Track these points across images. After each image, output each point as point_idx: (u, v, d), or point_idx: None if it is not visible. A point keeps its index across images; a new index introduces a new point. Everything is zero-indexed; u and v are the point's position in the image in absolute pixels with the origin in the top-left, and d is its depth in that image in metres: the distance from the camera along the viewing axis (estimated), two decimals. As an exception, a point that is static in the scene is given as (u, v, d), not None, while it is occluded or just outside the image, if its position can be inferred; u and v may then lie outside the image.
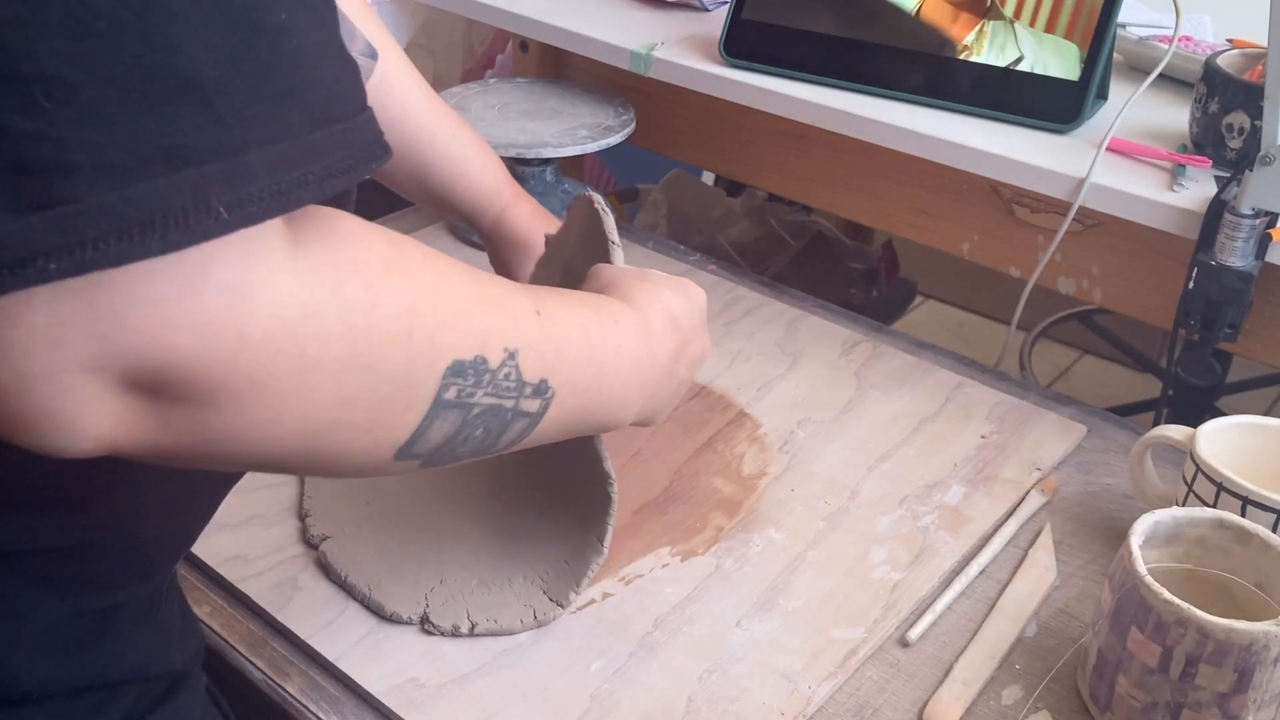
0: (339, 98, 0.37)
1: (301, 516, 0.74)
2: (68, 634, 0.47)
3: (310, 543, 0.72)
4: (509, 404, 0.46)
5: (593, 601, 0.69)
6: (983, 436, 0.84)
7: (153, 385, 0.34)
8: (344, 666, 0.64)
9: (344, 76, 0.37)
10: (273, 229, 0.35)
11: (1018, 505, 0.77)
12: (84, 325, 0.32)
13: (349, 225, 0.39)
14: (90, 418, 0.34)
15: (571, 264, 0.71)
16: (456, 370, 0.42)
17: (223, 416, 0.35)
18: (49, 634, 0.47)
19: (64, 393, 0.33)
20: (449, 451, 0.45)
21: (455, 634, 0.66)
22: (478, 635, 0.66)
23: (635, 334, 0.56)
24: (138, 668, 0.51)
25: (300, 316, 0.35)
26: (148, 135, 0.32)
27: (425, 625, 0.66)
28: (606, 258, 0.64)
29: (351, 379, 0.38)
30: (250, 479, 0.77)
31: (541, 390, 0.48)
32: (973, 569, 0.72)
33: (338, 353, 0.37)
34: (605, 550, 0.66)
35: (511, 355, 0.45)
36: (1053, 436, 0.84)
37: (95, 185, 0.31)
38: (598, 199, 0.67)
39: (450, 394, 0.42)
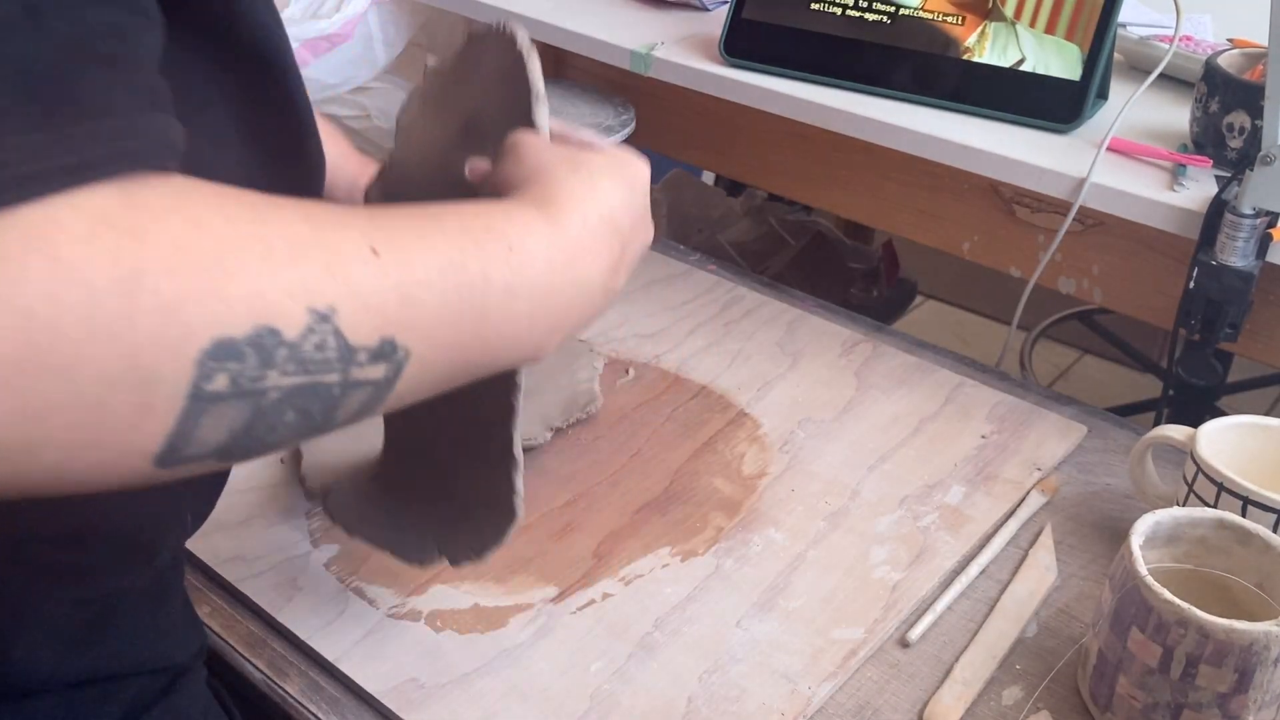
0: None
1: (300, 479, 0.74)
2: (69, 625, 0.47)
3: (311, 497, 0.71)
4: (331, 378, 0.36)
5: (592, 602, 0.69)
6: (983, 437, 0.84)
7: None
8: (344, 667, 0.64)
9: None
10: None
11: (1018, 505, 0.77)
12: None
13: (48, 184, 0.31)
14: None
15: (476, 121, 0.55)
16: (222, 352, 0.33)
17: None
18: (51, 625, 0.47)
19: None
20: (253, 444, 0.36)
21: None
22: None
23: (545, 258, 0.44)
24: (139, 661, 0.51)
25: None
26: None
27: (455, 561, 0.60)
28: (527, 117, 0.50)
29: (36, 387, 0.30)
30: (250, 478, 0.77)
31: (386, 353, 0.38)
32: (973, 569, 0.72)
33: (4, 355, 0.30)
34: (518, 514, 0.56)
35: (324, 317, 0.35)
36: (1053, 436, 0.84)
37: None
38: (522, 36, 0.51)
39: (218, 384, 0.33)
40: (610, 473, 0.79)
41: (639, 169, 0.53)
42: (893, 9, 0.98)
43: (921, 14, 0.97)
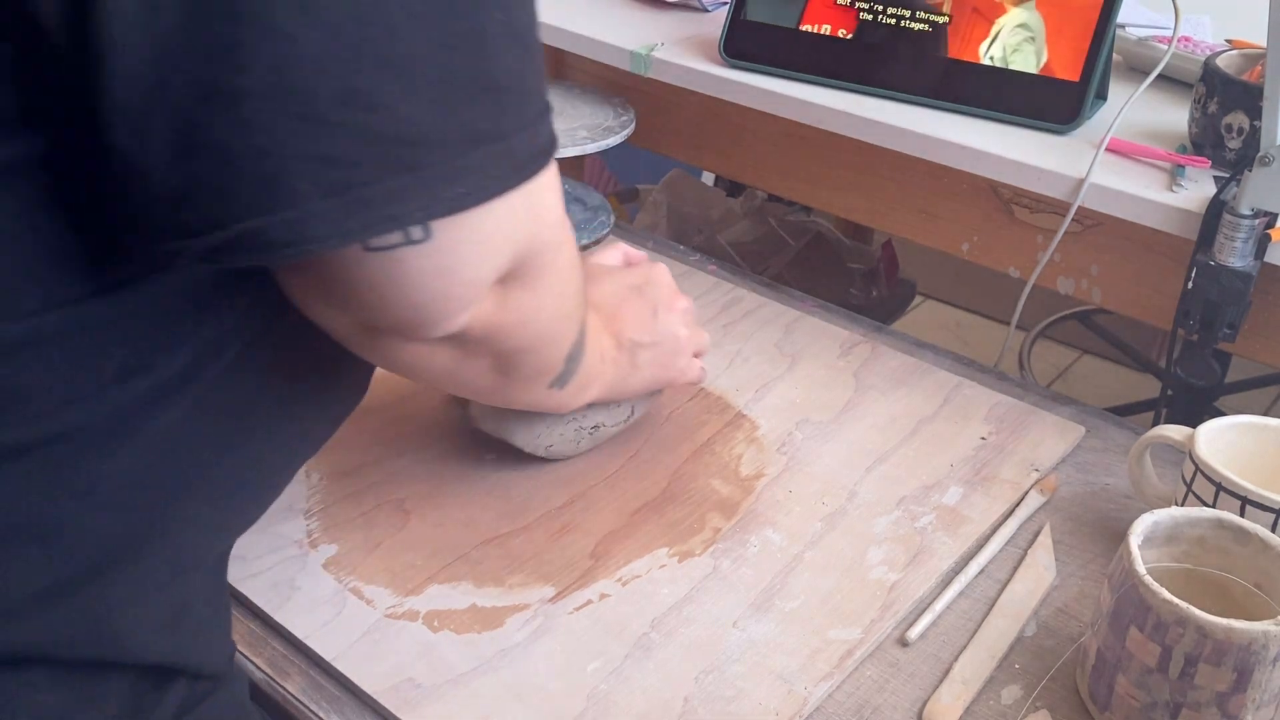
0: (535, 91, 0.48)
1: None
2: (166, 612, 0.51)
3: None
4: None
5: (590, 602, 0.69)
6: (982, 438, 0.84)
7: (506, 274, 0.49)
8: (341, 666, 0.64)
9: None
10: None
11: (1017, 505, 0.78)
12: (493, 242, 0.47)
13: None
14: (474, 306, 0.49)
15: None
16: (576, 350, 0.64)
17: (532, 290, 0.52)
18: (159, 609, 0.50)
19: (476, 291, 0.48)
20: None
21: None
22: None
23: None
24: (201, 659, 0.53)
25: (559, 220, 0.52)
26: (465, 122, 0.43)
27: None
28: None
29: (574, 277, 0.56)
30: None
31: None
32: (972, 568, 0.72)
33: (570, 255, 0.55)
34: None
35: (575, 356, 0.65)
36: (1051, 437, 0.84)
37: (436, 155, 0.42)
38: None
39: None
40: (608, 474, 0.79)
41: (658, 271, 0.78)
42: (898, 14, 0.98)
43: (924, 18, 0.97)
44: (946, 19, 0.97)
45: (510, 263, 0.49)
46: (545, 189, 0.48)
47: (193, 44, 0.37)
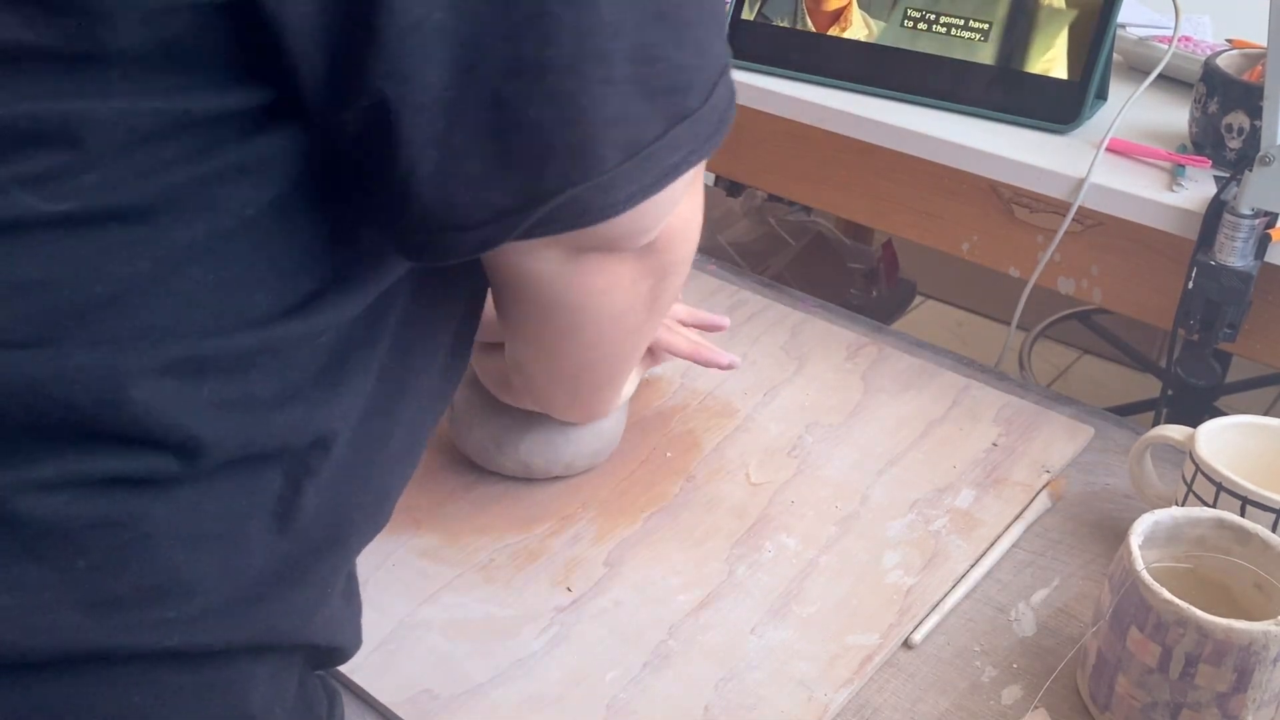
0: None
1: None
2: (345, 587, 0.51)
3: None
4: None
5: (605, 610, 0.68)
6: (994, 444, 0.83)
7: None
8: (357, 678, 0.63)
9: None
10: None
11: (1026, 508, 0.77)
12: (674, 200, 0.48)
13: None
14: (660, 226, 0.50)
15: None
16: None
17: (695, 191, 0.53)
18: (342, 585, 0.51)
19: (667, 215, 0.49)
20: None
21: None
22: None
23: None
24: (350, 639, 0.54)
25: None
26: (714, 59, 0.44)
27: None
28: None
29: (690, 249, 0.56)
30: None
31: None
32: (977, 572, 0.72)
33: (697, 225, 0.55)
34: None
35: None
36: (1060, 438, 0.84)
37: (699, 98, 0.43)
38: None
39: None
40: (619, 480, 0.79)
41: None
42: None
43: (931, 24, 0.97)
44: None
45: None
46: None
47: (500, 20, 0.37)
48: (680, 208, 0.51)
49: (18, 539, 0.39)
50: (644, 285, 0.55)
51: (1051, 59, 0.93)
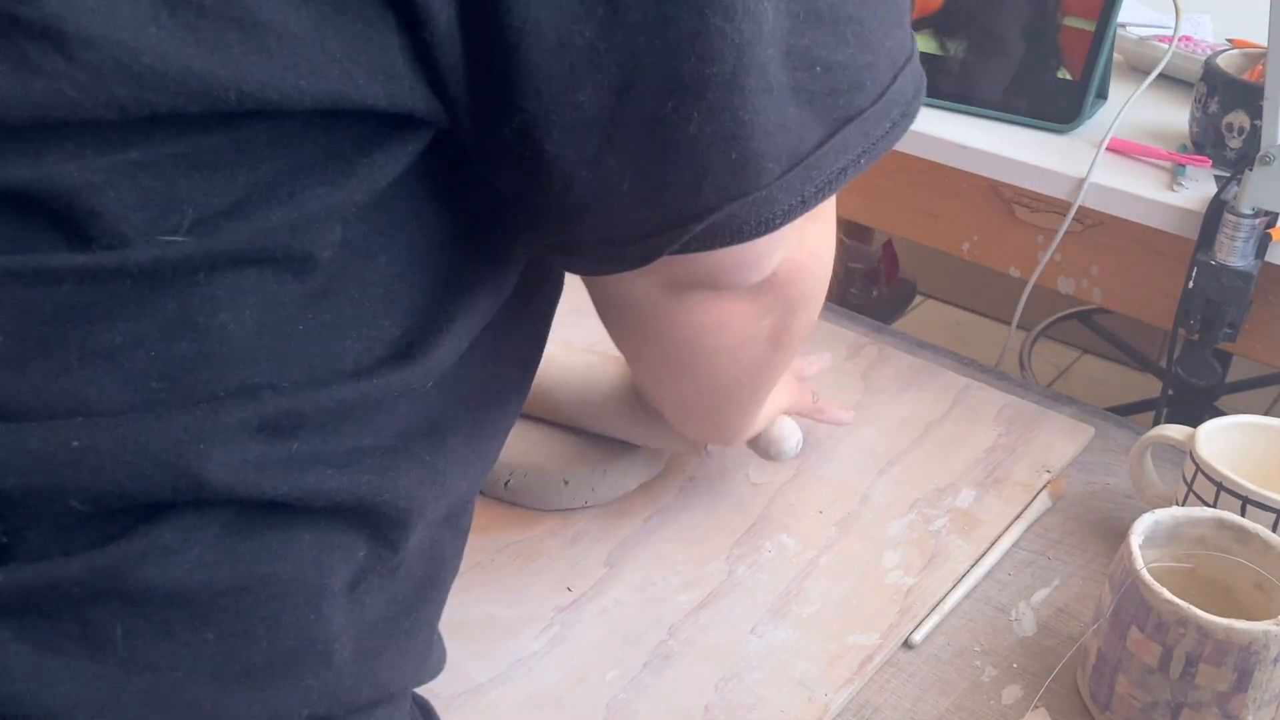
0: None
1: None
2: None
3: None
4: None
5: (605, 610, 0.68)
6: (994, 445, 0.83)
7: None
8: (355, 677, 0.64)
9: None
10: None
11: (1026, 508, 0.77)
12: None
13: None
14: (771, 266, 0.47)
15: None
16: None
17: (822, 219, 0.50)
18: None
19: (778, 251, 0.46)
20: None
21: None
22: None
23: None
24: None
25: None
26: (887, 51, 0.41)
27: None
28: None
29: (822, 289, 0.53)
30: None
31: None
32: (978, 572, 0.72)
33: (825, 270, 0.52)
34: None
35: None
36: (1061, 438, 0.84)
37: (870, 96, 0.41)
38: None
39: None
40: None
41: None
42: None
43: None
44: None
45: None
46: None
47: (658, 38, 0.35)
48: (807, 238, 0.49)
49: (144, 616, 0.37)
50: (764, 323, 0.52)
51: (1052, 59, 0.93)
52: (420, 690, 0.62)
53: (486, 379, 0.47)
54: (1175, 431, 0.73)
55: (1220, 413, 0.75)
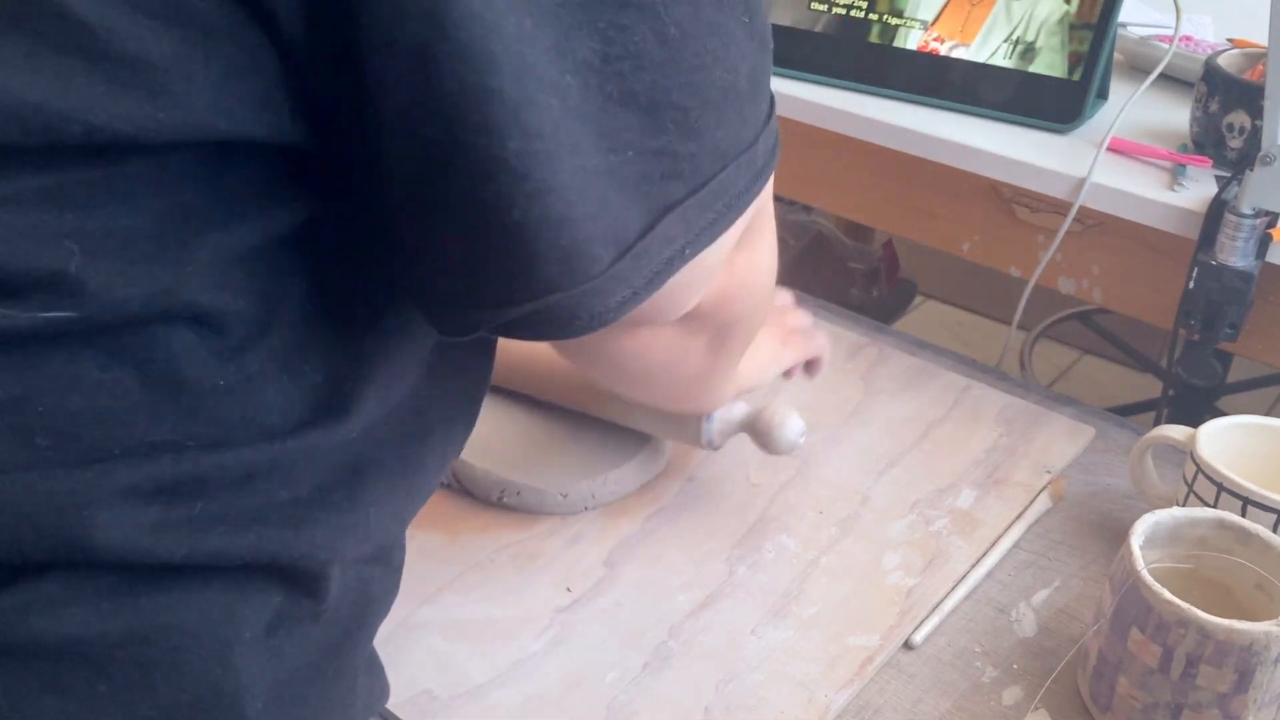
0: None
1: None
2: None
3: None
4: None
5: (605, 611, 0.68)
6: (995, 446, 0.83)
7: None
8: (355, 677, 0.64)
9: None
10: None
11: (1026, 509, 0.77)
12: (737, 227, 0.44)
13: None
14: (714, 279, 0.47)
15: None
16: None
17: (751, 249, 0.49)
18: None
19: (719, 267, 0.46)
20: None
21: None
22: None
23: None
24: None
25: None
26: (716, 142, 0.40)
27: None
28: None
29: (773, 225, 0.52)
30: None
31: None
32: (978, 572, 0.71)
33: (771, 202, 0.51)
34: None
35: None
36: (1062, 439, 0.84)
37: (688, 186, 0.40)
38: None
39: None
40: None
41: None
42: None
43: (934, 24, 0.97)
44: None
45: (742, 232, 0.46)
46: None
47: (459, 118, 0.33)
48: (736, 269, 0.48)
49: (31, 670, 0.35)
50: (697, 340, 0.52)
51: (1052, 58, 0.93)
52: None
53: (416, 416, 0.45)
54: (1176, 432, 0.73)
55: (1221, 413, 0.75)
